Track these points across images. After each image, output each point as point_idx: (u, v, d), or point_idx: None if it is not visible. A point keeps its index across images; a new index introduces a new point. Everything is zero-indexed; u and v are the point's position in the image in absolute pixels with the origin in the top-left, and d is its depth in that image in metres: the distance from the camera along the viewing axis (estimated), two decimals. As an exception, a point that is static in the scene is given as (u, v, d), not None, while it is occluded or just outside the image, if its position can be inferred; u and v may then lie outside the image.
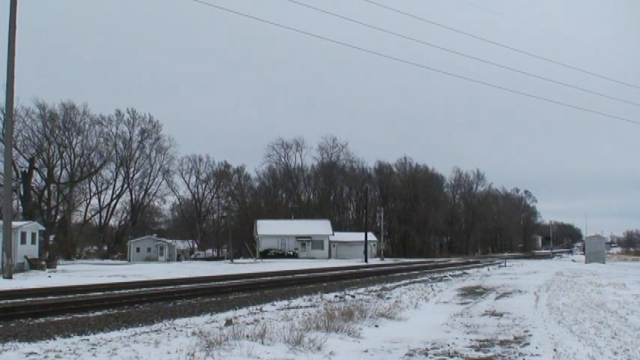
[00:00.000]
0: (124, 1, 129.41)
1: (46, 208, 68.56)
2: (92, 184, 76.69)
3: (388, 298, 16.71)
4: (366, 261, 60.89)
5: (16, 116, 54.44)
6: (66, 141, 70.53)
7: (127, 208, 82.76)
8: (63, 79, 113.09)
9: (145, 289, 21.66)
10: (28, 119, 65.59)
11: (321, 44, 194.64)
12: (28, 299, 17.30)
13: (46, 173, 69.21)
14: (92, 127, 72.96)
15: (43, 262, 38.18)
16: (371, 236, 73.81)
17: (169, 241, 71.92)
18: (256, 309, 14.67)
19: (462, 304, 15.95)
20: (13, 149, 45.33)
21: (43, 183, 69.22)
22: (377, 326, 11.04)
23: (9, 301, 16.66)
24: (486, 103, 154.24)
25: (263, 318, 12.09)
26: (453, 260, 66.65)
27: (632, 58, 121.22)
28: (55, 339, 9.98)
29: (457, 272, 35.02)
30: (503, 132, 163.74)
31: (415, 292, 19.41)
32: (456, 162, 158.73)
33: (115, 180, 77.66)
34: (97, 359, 7.76)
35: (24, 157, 65.20)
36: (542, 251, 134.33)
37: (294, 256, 71.26)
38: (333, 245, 75.55)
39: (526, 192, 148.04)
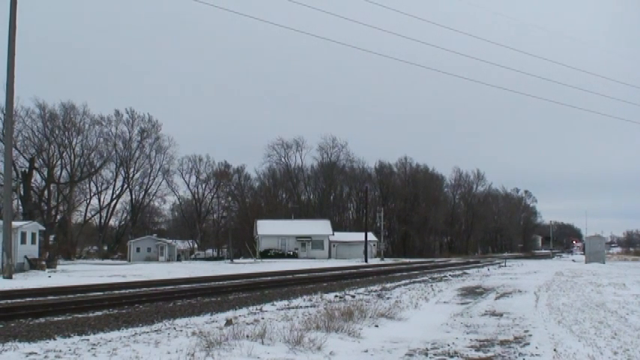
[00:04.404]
0: (124, 1, 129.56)
1: (46, 208, 68.54)
2: (92, 184, 76.76)
3: (388, 298, 16.71)
4: (366, 261, 60.90)
5: (16, 116, 54.44)
6: (66, 141, 70.55)
7: (127, 208, 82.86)
8: (63, 79, 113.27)
9: (145, 289, 21.66)
10: (28, 119, 65.66)
11: (321, 44, 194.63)
12: (28, 299, 17.30)
13: (46, 173, 69.20)
14: (92, 127, 73.07)
15: (43, 262, 38.17)
16: (371, 236, 73.79)
17: (169, 241, 71.92)
18: (256, 309, 14.66)
19: (462, 304, 15.95)
20: (13, 149, 45.32)
21: (43, 183, 69.20)
22: (377, 326, 11.04)
23: (9, 301, 16.66)
24: (486, 103, 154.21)
25: (263, 318, 12.09)
26: (453, 260, 66.63)
27: (632, 58, 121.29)
28: (55, 339, 9.97)
29: (457, 272, 35.02)
30: (503, 132, 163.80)
31: (415, 292, 19.41)
32: (456, 162, 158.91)
33: (115, 180, 77.76)
34: (97, 359, 7.76)
35: (24, 157, 65.22)
36: (542, 251, 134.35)
37: (294, 256, 71.24)
38: (333, 245, 75.54)
39: (526, 192, 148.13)
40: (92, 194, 77.13)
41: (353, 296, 17.67)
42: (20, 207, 61.48)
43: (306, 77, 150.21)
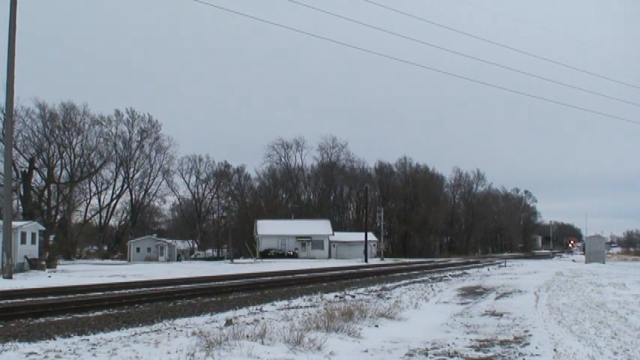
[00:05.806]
0: (124, 1, 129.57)
1: (46, 208, 68.56)
2: (92, 184, 76.89)
3: (388, 298, 16.70)
4: (366, 261, 60.90)
5: (16, 116, 54.44)
6: (66, 141, 70.60)
7: (127, 208, 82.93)
8: (63, 79, 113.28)
9: (145, 289, 21.66)
10: (28, 119, 65.77)
11: (321, 44, 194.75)
12: (28, 299, 17.30)
13: (46, 173, 69.23)
14: (92, 127, 73.17)
15: (43, 262, 38.17)
16: (371, 236, 73.79)
17: (169, 241, 71.95)
18: (256, 309, 14.66)
19: (462, 304, 15.95)
20: (13, 149, 45.32)
21: (43, 183, 69.24)
22: (377, 326, 11.03)
23: (9, 301, 16.65)
24: (486, 103, 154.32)
25: (263, 318, 12.08)
26: (453, 260, 66.63)
27: (632, 58, 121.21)
28: (55, 339, 9.97)
29: (457, 272, 35.01)
30: (503, 132, 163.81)
31: (415, 292, 19.40)
32: (456, 162, 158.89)
33: (115, 180, 77.91)
34: (97, 359, 7.76)
35: (24, 157, 65.29)
36: (542, 251, 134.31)
37: (294, 256, 71.25)
38: (333, 245, 75.53)
39: (526, 192, 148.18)
40: (92, 194, 77.36)
41: (353, 296, 17.66)
42: (20, 207, 61.52)
43: (306, 77, 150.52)
